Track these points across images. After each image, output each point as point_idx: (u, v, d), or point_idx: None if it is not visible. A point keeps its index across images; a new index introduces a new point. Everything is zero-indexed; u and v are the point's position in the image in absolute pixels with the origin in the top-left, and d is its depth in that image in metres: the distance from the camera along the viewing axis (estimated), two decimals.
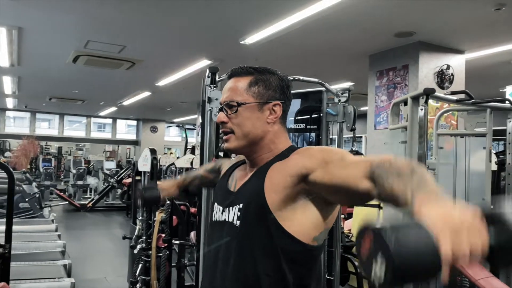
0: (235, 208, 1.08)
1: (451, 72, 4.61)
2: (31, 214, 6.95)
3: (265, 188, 1.03)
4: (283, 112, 1.13)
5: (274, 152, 1.12)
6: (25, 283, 3.34)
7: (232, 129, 1.11)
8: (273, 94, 1.11)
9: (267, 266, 1.03)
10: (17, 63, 6.64)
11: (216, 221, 1.16)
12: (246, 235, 1.05)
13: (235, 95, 1.10)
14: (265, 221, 1.02)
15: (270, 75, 1.13)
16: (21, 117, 17.30)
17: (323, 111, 3.40)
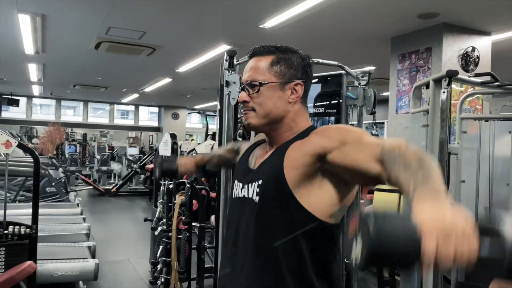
0: (255, 184, 1.09)
1: (476, 55, 4.47)
2: (57, 198, 7.15)
3: (284, 166, 1.04)
4: (304, 92, 1.13)
5: (294, 131, 1.13)
6: (51, 263, 3.46)
7: (254, 108, 1.11)
8: (294, 73, 1.11)
9: (285, 239, 1.04)
10: (42, 50, 6.79)
11: (236, 197, 1.17)
12: (265, 210, 1.06)
13: (257, 75, 1.10)
14: (283, 197, 1.03)
15: (292, 54, 1.13)
16: (47, 105, 17.73)
17: (342, 94, 3.37)
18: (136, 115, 17.60)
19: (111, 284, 3.99)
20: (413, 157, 0.83)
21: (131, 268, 4.54)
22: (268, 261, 1.06)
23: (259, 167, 1.14)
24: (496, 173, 3.74)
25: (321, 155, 1.00)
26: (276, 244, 1.04)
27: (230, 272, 1.15)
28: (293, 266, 1.04)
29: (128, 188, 10.74)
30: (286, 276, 1.03)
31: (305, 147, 1.04)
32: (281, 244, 1.04)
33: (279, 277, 1.04)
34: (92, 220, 6.86)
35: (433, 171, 0.79)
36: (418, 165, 0.80)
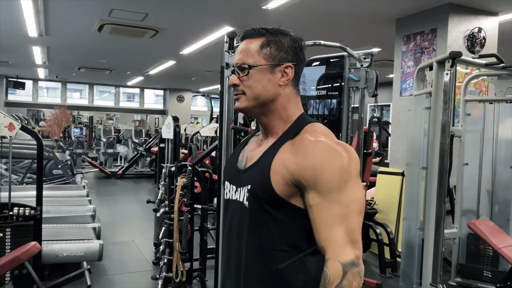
0: (245, 189, 1.09)
1: (482, 36, 4.38)
2: (64, 180, 7.24)
3: (271, 174, 1.03)
4: (295, 75, 1.11)
5: (284, 119, 1.10)
6: (56, 243, 3.53)
7: (244, 91, 1.10)
8: (285, 56, 1.09)
9: (280, 241, 1.04)
10: (45, 33, 6.77)
11: (228, 199, 1.16)
12: (256, 215, 1.06)
13: (247, 57, 1.09)
14: (273, 201, 1.03)
15: (282, 36, 1.11)
16: (53, 88, 17.79)
17: (344, 77, 3.34)
18: (141, 98, 17.61)
19: (116, 264, 4.07)
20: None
21: (136, 248, 4.61)
22: (265, 263, 1.05)
23: (248, 169, 1.12)
24: (499, 156, 3.72)
25: (297, 185, 1.01)
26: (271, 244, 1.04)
27: (229, 275, 1.16)
28: (293, 265, 1.04)
29: (134, 170, 10.84)
30: (286, 276, 1.04)
31: (287, 168, 1.02)
32: (276, 243, 1.04)
33: (277, 277, 1.04)
34: (98, 202, 6.95)
35: None
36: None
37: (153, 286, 3.23)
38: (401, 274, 3.70)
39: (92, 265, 3.79)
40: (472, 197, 3.78)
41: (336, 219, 0.97)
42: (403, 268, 3.66)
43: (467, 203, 3.77)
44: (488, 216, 3.74)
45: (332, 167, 0.98)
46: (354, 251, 0.96)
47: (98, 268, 3.89)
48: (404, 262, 3.63)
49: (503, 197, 3.69)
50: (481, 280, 3.57)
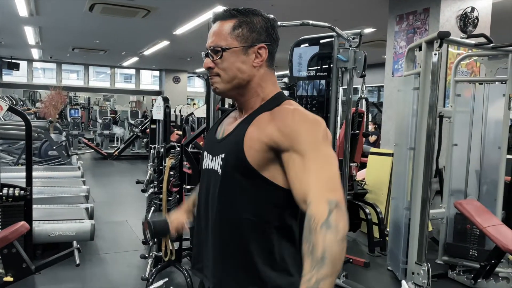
0: (219, 157, 1.10)
1: (475, 15, 4.34)
2: (59, 161, 7.26)
3: (245, 143, 1.04)
4: (269, 55, 1.11)
5: (261, 96, 1.12)
6: (48, 223, 3.57)
7: (219, 73, 1.10)
8: (257, 37, 1.09)
9: (247, 210, 1.06)
10: (36, 13, 6.69)
11: (205, 168, 1.19)
12: (228, 182, 1.08)
13: (219, 40, 1.08)
14: (245, 171, 1.05)
15: (254, 16, 1.10)
16: (50, 68, 17.64)
17: (333, 57, 3.33)
18: (137, 79, 17.50)
19: (108, 244, 4.12)
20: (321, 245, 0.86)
21: (129, 228, 4.66)
22: (232, 231, 1.08)
23: (224, 138, 1.14)
24: (488, 137, 3.73)
25: (273, 148, 1.02)
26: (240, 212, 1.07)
27: (200, 242, 1.19)
28: (258, 234, 1.06)
29: (130, 151, 10.85)
30: (251, 244, 1.06)
31: (263, 132, 1.04)
32: (244, 212, 1.07)
33: (244, 245, 1.07)
34: (93, 182, 6.99)
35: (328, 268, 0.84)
36: (321, 258, 0.85)
37: (144, 264, 3.27)
38: (388, 253, 3.76)
39: (84, 245, 3.84)
40: (460, 178, 3.81)
41: (316, 168, 0.97)
42: (390, 247, 3.72)
43: (455, 183, 3.80)
44: (476, 196, 3.78)
45: (308, 129, 1.01)
46: (336, 194, 0.94)
47: (91, 248, 3.94)
48: (392, 241, 3.69)
49: (491, 177, 3.72)
50: (467, 258, 3.63)
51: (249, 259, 1.06)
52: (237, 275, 1.08)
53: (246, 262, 1.07)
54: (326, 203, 0.91)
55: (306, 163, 0.98)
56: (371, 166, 4.83)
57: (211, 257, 1.13)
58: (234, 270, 1.09)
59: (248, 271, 1.07)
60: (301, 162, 0.98)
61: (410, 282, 3.08)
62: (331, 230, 0.87)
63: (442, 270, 3.59)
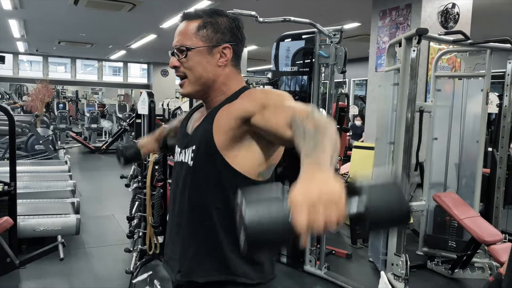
0: (189, 150, 1.15)
1: (456, 11, 4.42)
2: (46, 155, 7.22)
3: (214, 130, 1.09)
4: (235, 55, 1.15)
5: (226, 94, 1.16)
6: (33, 218, 3.58)
7: (185, 73, 1.14)
8: (222, 37, 1.12)
9: (216, 199, 1.12)
10: (20, 6, 6.62)
11: (176, 161, 1.23)
12: (198, 172, 1.13)
13: (185, 40, 1.12)
14: (213, 160, 1.09)
15: (219, 17, 1.14)
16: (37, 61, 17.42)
17: (315, 53, 3.38)
18: (125, 72, 17.37)
19: (94, 238, 4.15)
20: (312, 125, 0.87)
21: (115, 222, 4.69)
22: (201, 219, 1.13)
23: (193, 131, 1.18)
24: (467, 131, 3.82)
25: (245, 118, 1.05)
26: (209, 201, 1.12)
27: (171, 236, 1.23)
28: (226, 222, 1.11)
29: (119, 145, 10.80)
30: (219, 232, 1.11)
31: (232, 110, 1.08)
32: (212, 201, 1.12)
33: (212, 232, 1.12)
34: (80, 177, 6.98)
35: (325, 139, 0.83)
36: (314, 133, 0.85)
37: (129, 258, 3.31)
38: (369, 244, 3.85)
39: (70, 239, 3.87)
40: (440, 171, 3.90)
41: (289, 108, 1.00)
42: (371, 239, 3.80)
43: (435, 176, 3.89)
44: (455, 188, 3.88)
45: (275, 93, 1.10)
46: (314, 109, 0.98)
47: (76, 242, 3.97)
48: (372, 234, 3.77)
49: (469, 170, 3.81)
50: (446, 249, 3.73)
51: (217, 246, 1.11)
52: (205, 262, 1.13)
53: (214, 249, 1.11)
54: (308, 109, 0.95)
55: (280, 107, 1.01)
56: (355, 159, 4.91)
57: (179, 248, 1.17)
58: (202, 258, 1.13)
59: (216, 259, 1.11)
60: (275, 109, 1.02)
61: (389, 273, 3.17)
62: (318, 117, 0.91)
63: (422, 261, 3.68)
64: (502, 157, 3.69)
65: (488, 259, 3.43)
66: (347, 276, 3.40)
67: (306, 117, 0.91)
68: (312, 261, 3.45)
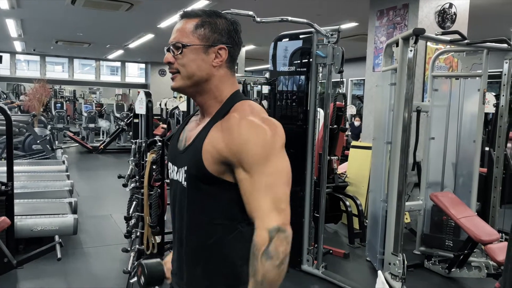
0: (182, 170, 1.14)
1: (453, 11, 4.43)
2: (44, 155, 7.21)
3: (203, 153, 1.08)
4: (230, 57, 1.14)
5: (218, 99, 1.14)
6: (30, 218, 3.58)
7: (178, 69, 1.13)
8: (219, 38, 1.12)
9: (217, 215, 1.10)
10: (17, 5, 6.60)
11: (172, 179, 1.22)
12: (194, 192, 1.12)
13: (182, 37, 1.11)
14: (207, 180, 1.08)
15: (217, 18, 1.13)
16: (34, 61, 17.38)
17: (312, 53, 3.38)
18: (122, 72, 17.35)
19: (92, 238, 4.15)
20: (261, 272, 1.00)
21: (113, 222, 4.69)
22: (206, 237, 1.12)
23: (186, 149, 1.16)
24: (464, 130, 3.83)
25: (226, 163, 1.06)
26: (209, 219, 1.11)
27: (175, 246, 1.22)
28: (232, 236, 1.10)
29: (116, 145, 10.80)
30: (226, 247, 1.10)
31: (216, 147, 1.06)
32: (213, 218, 1.10)
33: (219, 248, 1.11)
34: (78, 177, 6.97)
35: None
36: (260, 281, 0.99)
37: (127, 258, 3.31)
38: (367, 244, 3.86)
39: (68, 239, 3.86)
40: (437, 170, 3.91)
41: (262, 190, 1.02)
42: (368, 238, 3.82)
43: (432, 175, 3.91)
44: (452, 188, 3.89)
45: (255, 142, 1.03)
46: (280, 218, 1.00)
47: (74, 242, 3.97)
48: (370, 232, 3.78)
49: (466, 169, 3.83)
50: (443, 249, 3.75)
51: (227, 262, 1.11)
52: (216, 279, 1.12)
53: (224, 265, 1.11)
54: (267, 232, 1.00)
55: (254, 182, 1.02)
56: (352, 159, 4.91)
57: (184, 265, 1.17)
58: (212, 276, 1.13)
59: (227, 274, 1.11)
60: (249, 181, 1.03)
61: (386, 272, 3.18)
62: (270, 259, 0.99)
63: (419, 260, 3.70)
64: (499, 156, 3.70)
65: (485, 258, 3.45)
66: (345, 275, 3.41)
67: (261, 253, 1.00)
68: (309, 261, 3.46)
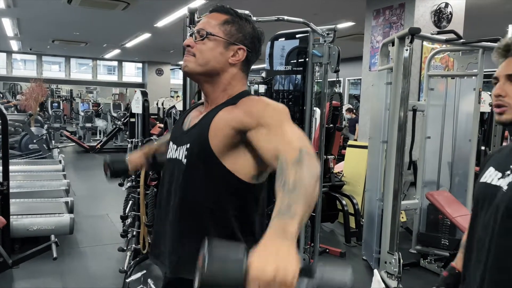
0: (184, 147, 1.16)
1: (449, 11, 4.44)
2: (40, 155, 7.19)
3: (210, 132, 1.10)
4: (247, 60, 1.18)
5: (227, 92, 1.17)
6: (26, 218, 3.57)
7: (195, 53, 1.15)
8: (242, 39, 1.16)
9: (208, 198, 1.13)
10: (13, 4, 6.58)
11: (170, 158, 1.24)
12: (191, 171, 1.14)
13: (208, 26, 1.15)
14: (207, 160, 1.11)
15: (246, 22, 1.18)
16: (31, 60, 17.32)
17: (309, 52, 3.38)
18: (119, 71, 17.30)
19: (88, 237, 4.14)
20: (293, 178, 0.87)
21: (109, 222, 4.68)
22: (192, 217, 1.14)
23: (190, 129, 1.19)
24: (459, 129, 3.85)
25: (241, 130, 1.07)
26: (201, 200, 1.13)
27: (159, 230, 1.24)
28: (217, 221, 1.13)
29: (113, 145, 10.78)
30: (210, 230, 1.12)
31: (229, 118, 1.09)
32: (204, 200, 1.13)
33: (203, 230, 1.12)
34: (74, 176, 6.96)
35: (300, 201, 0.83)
36: (292, 189, 0.85)
37: (123, 257, 3.31)
38: (363, 243, 3.87)
39: (64, 239, 3.86)
40: (433, 169, 3.92)
41: (283, 133, 1.02)
42: (364, 237, 3.83)
43: (428, 175, 3.92)
44: (448, 187, 3.90)
45: (273, 111, 1.07)
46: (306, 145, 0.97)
47: (71, 241, 3.96)
48: (366, 231, 3.79)
49: (462, 168, 3.84)
50: (439, 247, 3.76)
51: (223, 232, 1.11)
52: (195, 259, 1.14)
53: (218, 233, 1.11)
54: (297, 149, 0.94)
55: (274, 131, 1.03)
56: (348, 158, 4.92)
57: (169, 243, 1.18)
58: (193, 256, 1.14)
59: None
60: (268, 131, 1.03)
61: (382, 271, 3.19)
62: (302, 166, 0.89)
63: (415, 259, 3.71)
64: None
65: None
66: None
67: (291, 163, 0.90)
68: (306, 260, 3.46)
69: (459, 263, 1.31)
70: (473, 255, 1.16)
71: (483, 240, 1.11)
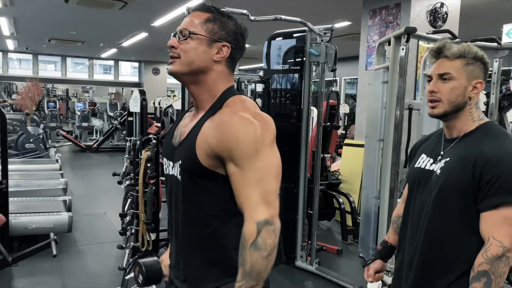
0: (177, 164, 1.17)
1: (445, 11, 4.49)
2: (37, 154, 7.19)
3: (196, 148, 1.11)
4: (231, 57, 1.18)
5: (212, 94, 1.17)
6: (24, 216, 3.58)
7: (179, 54, 1.16)
8: (225, 36, 1.16)
9: (213, 208, 1.14)
10: (10, 3, 6.57)
11: (167, 174, 1.25)
12: (189, 186, 1.15)
13: (190, 26, 1.15)
14: (201, 174, 1.12)
15: (228, 19, 1.18)
16: (26, 59, 17.26)
17: (306, 52, 3.42)
18: (116, 70, 17.27)
19: (87, 235, 4.16)
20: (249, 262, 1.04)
21: (107, 220, 4.70)
22: (201, 229, 1.15)
23: (180, 144, 1.19)
24: None
25: (218, 157, 1.09)
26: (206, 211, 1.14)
27: (172, 240, 1.25)
28: (228, 226, 1.13)
29: (110, 144, 10.77)
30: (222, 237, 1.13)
31: (208, 141, 1.10)
32: (209, 211, 1.13)
33: (215, 239, 1.13)
34: (72, 175, 6.96)
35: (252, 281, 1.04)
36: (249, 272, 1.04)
37: (122, 255, 3.33)
38: (360, 240, 3.91)
39: (62, 237, 3.87)
40: None
41: (252, 184, 1.06)
42: (361, 235, 3.86)
43: None
44: None
45: (245, 138, 1.06)
46: (268, 211, 1.04)
47: (69, 240, 3.97)
48: (362, 229, 3.83)
49: None
50: None
51: (223, 251, 1.13)
52: (212, 268, 1.15)
53: (220, 255, 1.14)
54: (256, 224, 1.04)
55: (244, 176, 1.06)
56: (345, 157, 4.96)
57: (180, 257, 1.20)
58: (208, 265, 1.15)
59: (223, 263, 1.14)
60: (239, 175, 1.07)
61: None
62: (258, 250, 1.04)
63: None
64: None
65: None
66: (338, 271, 3.45)
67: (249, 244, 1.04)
68: (303, 257, 3.50)
69: (391, 238, 1.55)
70: (408, 229, 1.38)
71: (419, 215, 1.33)
